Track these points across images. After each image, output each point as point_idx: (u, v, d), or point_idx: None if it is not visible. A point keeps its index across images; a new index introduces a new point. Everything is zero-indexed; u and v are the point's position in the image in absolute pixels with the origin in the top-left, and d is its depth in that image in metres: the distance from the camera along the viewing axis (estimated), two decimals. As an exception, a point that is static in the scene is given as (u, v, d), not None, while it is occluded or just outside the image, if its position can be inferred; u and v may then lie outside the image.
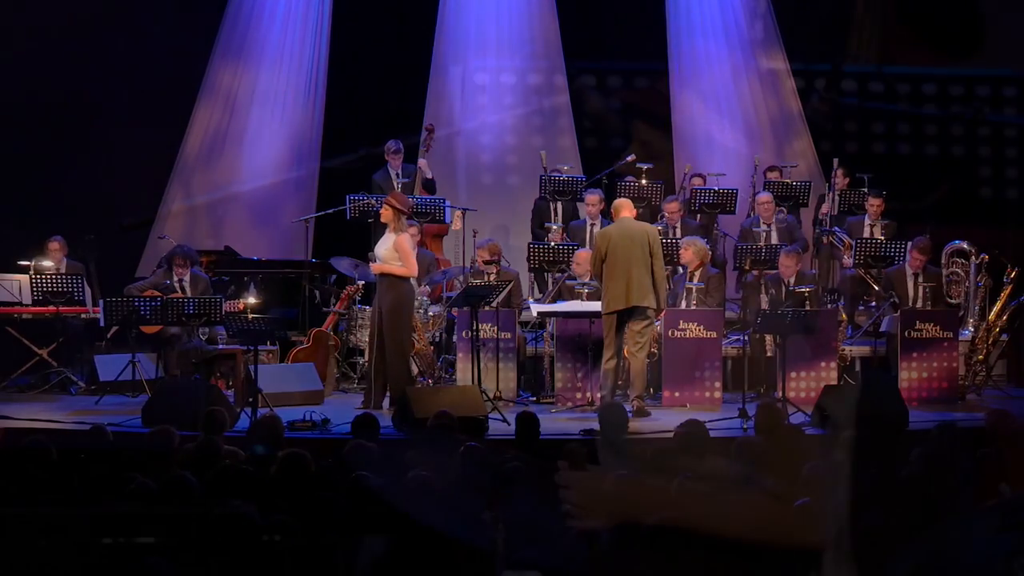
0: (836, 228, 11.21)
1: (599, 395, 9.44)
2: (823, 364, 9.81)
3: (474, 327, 9.54)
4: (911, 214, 11.82)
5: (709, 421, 7.57)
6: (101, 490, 4.87)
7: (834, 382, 9.62)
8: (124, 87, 12.17)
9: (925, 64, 12.90)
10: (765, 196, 11.20)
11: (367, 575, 3.45)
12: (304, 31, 12.93)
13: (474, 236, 10.93)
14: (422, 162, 11.56)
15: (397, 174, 11.45)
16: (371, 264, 9.67)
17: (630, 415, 8.04)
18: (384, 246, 9.29)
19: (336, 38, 12.98)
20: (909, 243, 10.33)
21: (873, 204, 11.02)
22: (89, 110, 11.99)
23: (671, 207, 11.26)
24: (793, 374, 9.70)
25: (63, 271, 10.71)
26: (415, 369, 9.98)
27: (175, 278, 10.34)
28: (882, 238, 10.69)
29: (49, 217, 11.38)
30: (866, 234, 10.89)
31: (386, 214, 9.28)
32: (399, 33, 13.24)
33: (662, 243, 9.60)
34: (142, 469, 5.16)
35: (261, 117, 12.79)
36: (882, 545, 2.61)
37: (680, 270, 10.45)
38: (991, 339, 10.28)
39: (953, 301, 10.45)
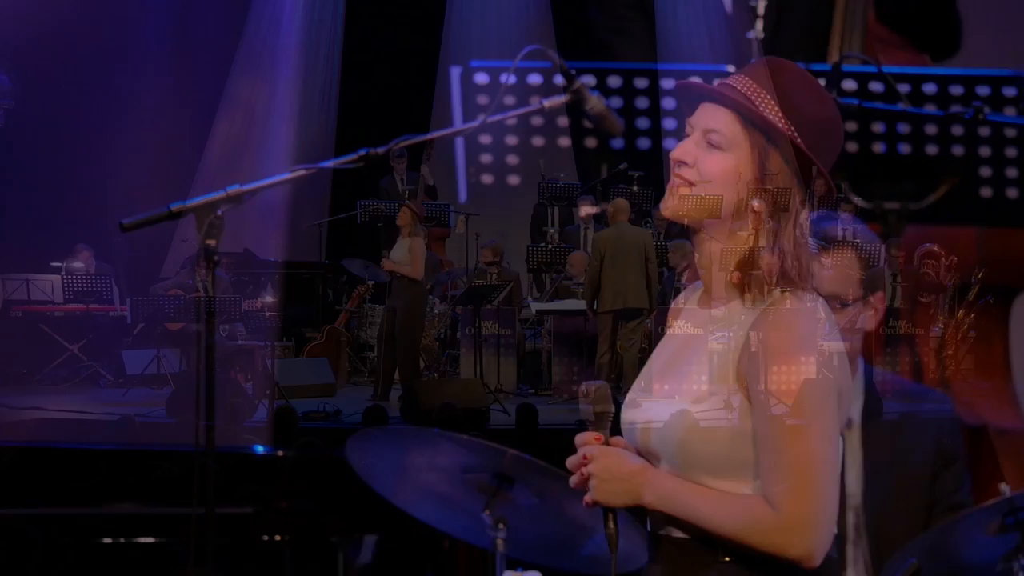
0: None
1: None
2: (802, 359, 10.16)
3: (476, 324, 9.99)
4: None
5: (698, 411, 8.01)
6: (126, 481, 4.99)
7: (812, 375, 9.98)
8: (149, 96, 12.48)
9: (904, 64, 13.23)
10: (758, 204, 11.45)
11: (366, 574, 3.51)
12: (318, 45, 13.14)
13: (476, 239, 11.24)
14: (424, 169, 11.94)
15: (402, 179, 11.81)
16: (383, 263, 10.02)
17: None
18: (400, 249, 9.64)
19: (348, 50, 13.30)
20: (882, 245, 10.68)
21: (845, 209, 11.35)
22: (115, 120, 12.26)
23: (660, 214, 11.56)
24: (775, 368, 10.08)
25: (92, 272, 11.16)
26: (422, 364, 10.34)
27: (197, 278, 10.79)
28: (857, 240, 11.04)
29: (77, 221, 11.62)
30: (838, 237, 11.22)
31: (403, 217, 9.67)
32: (409, 40, 13.47)
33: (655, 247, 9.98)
34: (168, 458, 5.51)
35: (278, 127, 12.89)
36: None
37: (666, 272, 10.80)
38: (960, 335, 10.68)
39: (923, 300, 10.84)
